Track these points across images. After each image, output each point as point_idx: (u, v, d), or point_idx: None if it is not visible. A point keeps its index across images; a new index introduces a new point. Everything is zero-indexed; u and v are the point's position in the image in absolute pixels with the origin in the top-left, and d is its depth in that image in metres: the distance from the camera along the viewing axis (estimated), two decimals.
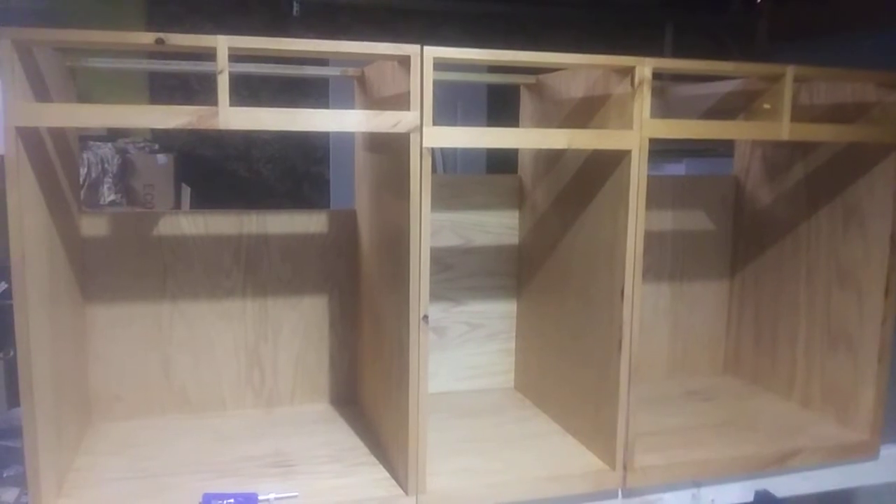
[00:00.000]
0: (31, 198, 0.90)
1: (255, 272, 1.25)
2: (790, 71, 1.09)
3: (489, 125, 2.83)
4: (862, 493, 1.29)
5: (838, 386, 1.24)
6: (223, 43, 0.87)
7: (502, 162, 1.43)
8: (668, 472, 1.09)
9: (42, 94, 0.95)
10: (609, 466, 1.07)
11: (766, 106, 1.13)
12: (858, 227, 1.20)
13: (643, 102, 1.02)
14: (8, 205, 0.88)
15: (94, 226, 1.18)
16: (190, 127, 0.88)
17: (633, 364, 1.05)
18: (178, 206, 1.95)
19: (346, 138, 1.23)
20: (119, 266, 1.19)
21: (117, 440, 1.15)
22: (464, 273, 1.37)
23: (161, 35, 0.87)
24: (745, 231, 1.45)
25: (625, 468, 1.06)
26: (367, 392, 1.23)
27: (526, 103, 1.35)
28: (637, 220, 1.03)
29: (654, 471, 1.08)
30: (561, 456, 1.12)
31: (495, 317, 1.40)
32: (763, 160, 1.40)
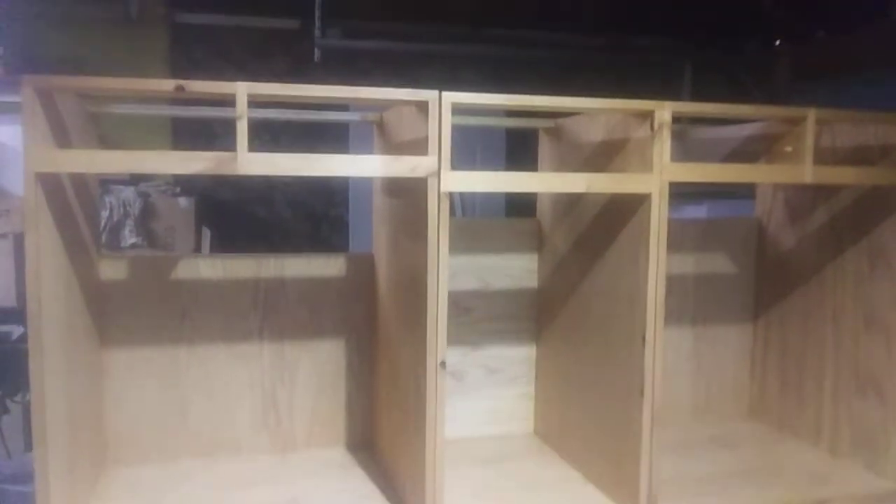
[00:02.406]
0: (49, 242, 0.90)
1: (273, 315, 1.24)
2: (812, 114, 1.08)
3: (508, 168, 2.83)
4: None
5: (867, 432, 1.21)
6: (242, 90, 0.87)
7: (523, 205, 1.42)
8: None
9: (63, 139, 0.96)
10: None
11: (788, 149, 1.12)
12: (886, 268, 1.18)
13: (663, 146, 1.01)
14: (26, 249, 0.88)
15: (112, 269, 1.18)
16: (208, 172, 0.89)
17: (655, 410, 1.03)
18: (198, 248, 1.96)
19: (366, 182, 1.24)
20: (137, 309, 1.19)
21: (132, 484, 1.13)
22: (482, 317, 1.35)
23: (181, 82, 0.88)
24: (769, 274, 1.43)
25: None
26: (384, 437, 1.22)
27: (545, 147, 1.34)
28: (658, 264, 1.01)
29: None
30: None
31: (514, 361, 1.38)
32: (786, 203, 1.38)
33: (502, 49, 3.19)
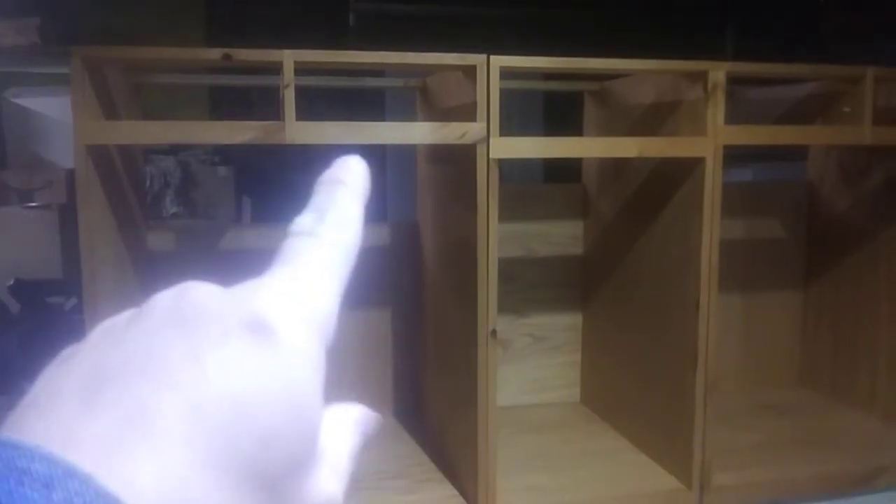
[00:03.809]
0: (100, 214, 0.91)
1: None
2: (871, 73, 1.05)
3: (547, 133, 2.79)
4: None
5: None
6: (289, 57, 0.86)
7: (561, 169, 1.40)
8: (747, 493, 1.05)
9: (110, 111, 0.95)
10: (685, 486, 1.03)
11: (847, 109, 1.08)
12: None
13: (717, 108, 0.98)
14: (79, 222, 0.89)
15: (160, 239, 1.18)
16: (256, 142, 0.88)
17: (708, 378, 1.01)
18: (238, 217, 1.97)
19: (404, 149, 1.22)
20: (184, 278, 1.19)
21: None
22: (527, 284, 1.34)
23: (228, 51, 0.87)
24: (820, 238, 1.39)
25: (701, 488, 1.03)
26: (432, 405, 1.22)
27: (590, 111, 1.32)
28: (712, 230, 0.99)
29: (732, 491, 1.04)
30: (634, 474, 1.08)
31: (560, 329, 1.37)
32: (839, 165, 1.35)
33: (541, 11, 3.14)
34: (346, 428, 0.29)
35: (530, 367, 1.36)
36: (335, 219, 0.29)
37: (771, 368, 1.44)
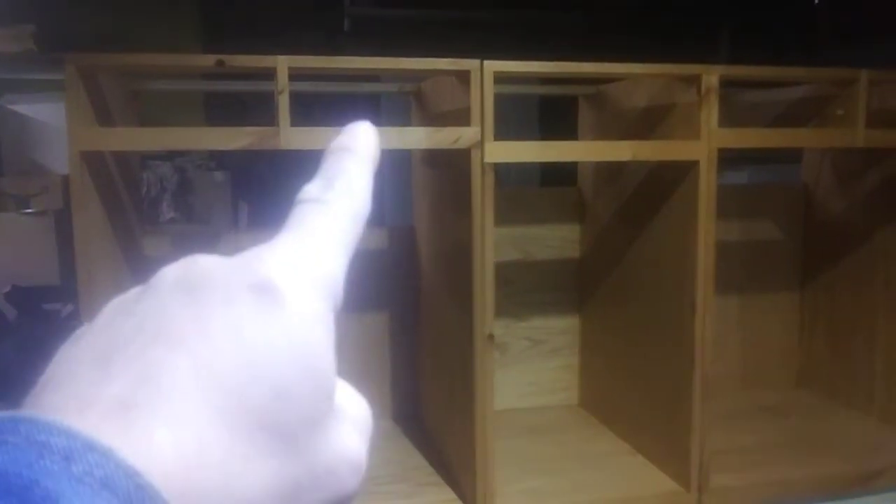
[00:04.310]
0: (96, 220, 0.91)
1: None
2: (864, 75, 1.05)
3: (541, 137, 2.80)
4: None
5: None
6: (283, 63, 0.86)
7: (557, 173, 1.40)
8: (745, 494, 1.05)
9: (105, 117, 0.95)
10: (683, 488, 1.03)
11: (840, 112, 1.09)
12: None
13: (711, 111, 0.98)
14: (74, 228, 0.89)
15: (156, 246, 1.18)
16: (251, 148, 0.88)
17: (705, 381, 1.01)
18: (235, 222, 1.97)
19: (401, 154, 1.22)
20: None
21: None
22: (524, 288, 1.34)
23: (222, 57, 0.87)
24: (816, 240, 1.40)
25: (700, 490, 1.03)
26: (430, 409, 1.22)
27: (585, 114, 1.32)
28: (707, 232, 0.99)
29: (730, 492, 1.04)
30: (632, 476, 1.08)
31: (557, 332, 1.37)
32: (834, 167, 1.35)
33: (536, 13, 3.14)
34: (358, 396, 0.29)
35: (528, 370, 1.36)
36: (343, 186, 0.30)
37: (768, 370, 1.44)
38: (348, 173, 0.30)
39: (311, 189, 0.30)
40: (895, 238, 1.22)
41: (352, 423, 0.26)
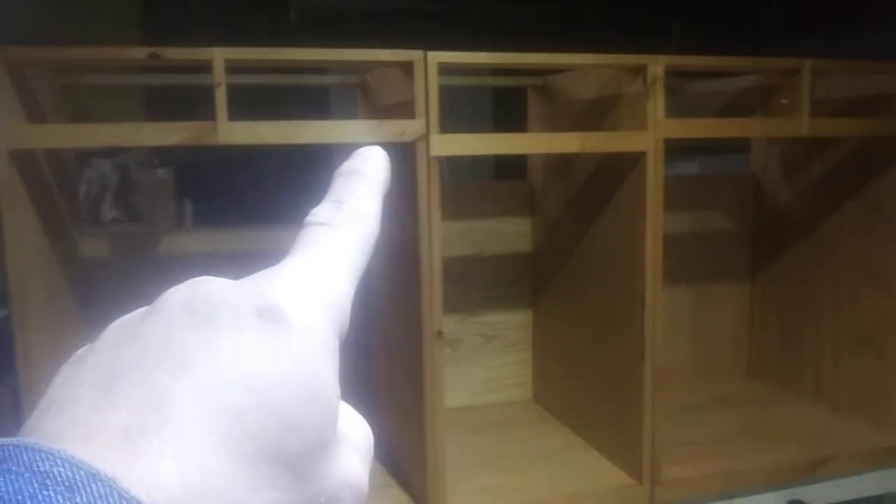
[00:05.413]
0: (27, 222, 0.87)
1: None
2: (808, 65, 1.05)
3: (497, 129, 2.78)
4: None
5: (869, 388, 1.20)
6: (219, 56, 0.83)
7: (512, 165, 1.39)
8: (697, 485, 1.05)
9: (35, 114, 0.91)
10: (636, 481, 1.03)
11: (784, 101, 1.09)
12: (883, 222, 1.16)
13: (657, 102, 0.98)
14: (5, 231, 0.85)
15: (93, 247, 1.14)
16: (188, 143, 0.85)
17: (656, 373, 1.01)
18: (180, 220, 1.92)
19: (351, 147, 1.20)
20: (120, 287, 1.15)
21: None
22: (477, 283, 1.33)
23: (155, 50, 0.84)
24: (765, 230, 1.40)
25: (652, 482, 1.02)
26: (382, 410, 1.19)
27: (534, 106, 1.31)
28: (655, 224, 0.99)
29: (682, 484, 1.04)
30: (585, 471, 1.08)
31: (511, 327, 1.35)
32: (781, 157, 1.36)
33: (487, 5, 3.13)
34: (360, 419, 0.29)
35: (482, 366, 1.35)
36: (352, 209, 0.30)
37: (720, 361, 1.45)
38: (357, 197, 0.30)
39: (319, 212, 0.30)
40: (841, 229, 1.23)
41: (354, 448, 0.27)
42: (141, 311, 0.26)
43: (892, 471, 1.15)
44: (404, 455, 1.05)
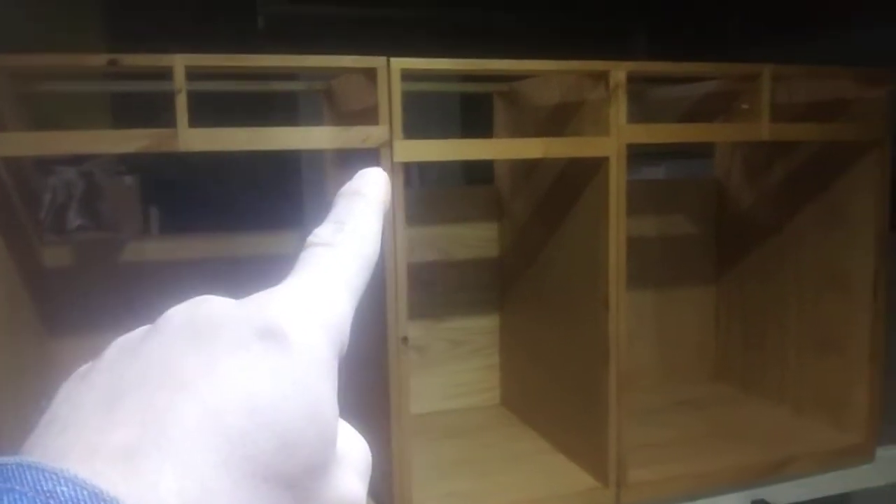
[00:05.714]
0: None
1: (228, 296, 1.20)
2: (767, 70, 1.06)
3: (464, 134, 2.79)
4: (860, 497, 1.26)
5: (830, 389, 1.21)
6: (180, 62, 0.83)
7: (481, 171, 1.39)
8: (662, 487, 1.06)
9: None
10: (601, 484, 1.03)
11: (745, 106, 1.10)
12: (843, 226, 1.17)
13: (619, 108, 0.99)
14: None
15: (56, 256, 1.13)
16: (148, 151, 0.84)
17: (621, 376, 1.02)
18: (147, 228, 1.90)
19: (318, 154, 1.20)
20: (84, 296, 1.14)
21: None
22: (444, 289, 1.33)
23: (114, 56, 0.83)
24: (729, 234, 1.42)
25: (618, 485, 1.03)
26: (349, 418, 1.19)
27: (499, 112, 1.31)
28: (618, 228, 1.00)
29: (648, 486, 1.05)
30: (552, 475, 1.08)
31: (479, 332, 1.36)
32: (744, 161, 1.37)
33: (453, 12, 3.13)
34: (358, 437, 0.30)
35: (449, 372, 1.35)
36: (353, 230, 0.31)
37: (685, 364, 1.46)
38: (358, 217, 0.31)
39: (321, 232, 0.30)
40: (803, 232, 1.25)
41: (353, 467, 0.27)
42: (142, 329, 0.27)
43: (854, 470, 1.17)
44: (371, 463, 1.04)
